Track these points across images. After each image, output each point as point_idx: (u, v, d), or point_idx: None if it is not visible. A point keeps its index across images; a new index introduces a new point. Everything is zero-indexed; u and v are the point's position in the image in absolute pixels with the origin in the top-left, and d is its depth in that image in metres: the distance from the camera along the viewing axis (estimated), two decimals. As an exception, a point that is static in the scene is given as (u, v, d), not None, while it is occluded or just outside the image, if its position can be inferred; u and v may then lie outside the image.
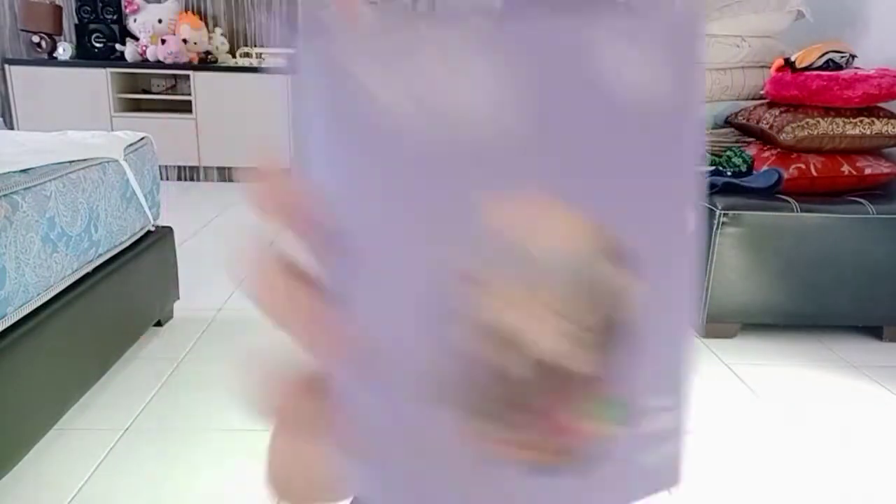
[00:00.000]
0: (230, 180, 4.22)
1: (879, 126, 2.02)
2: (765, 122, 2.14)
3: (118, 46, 4.04)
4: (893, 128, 2.03)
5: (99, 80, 3.95)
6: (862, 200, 2.01)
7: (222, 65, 4.10)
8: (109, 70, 3.96)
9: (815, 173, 2.06)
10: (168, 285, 2.02)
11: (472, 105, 0.16)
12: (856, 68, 2.12)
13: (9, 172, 1.29)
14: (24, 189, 1.29)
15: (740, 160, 2.18)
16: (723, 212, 1.95)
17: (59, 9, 4.06)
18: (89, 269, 1.56)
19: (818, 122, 2.01)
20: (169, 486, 1.31)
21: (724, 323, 2.08)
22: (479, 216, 0.17)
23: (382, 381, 0.18)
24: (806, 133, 2.01)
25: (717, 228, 1.96)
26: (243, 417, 1.55)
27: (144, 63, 4.02)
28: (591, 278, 0.18)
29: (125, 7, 4.06)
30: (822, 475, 1.43)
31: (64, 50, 4.00)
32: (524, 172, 0.17)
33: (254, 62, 4.09)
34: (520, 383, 0.18)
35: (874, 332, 2.14)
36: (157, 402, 1.60)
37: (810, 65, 2.11)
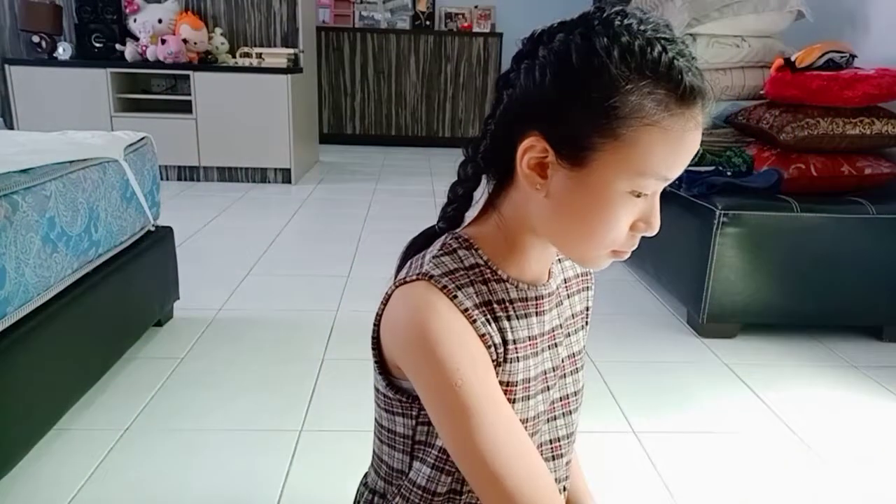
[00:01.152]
0: (230, 180, 4.22)
1: (879, 126, 2.02)
2: (765, 122, 2.14)
3: (118, 46, 4.04)
4: (893, 128, 2.03)
5: (99, 80, 3.95)
6: (862, 200, 2.01)
7: (222, 65, 4.10)
8: (109, 70, 3.96)
9: (815, 173, 2.06)
10: (168, 285, 2.02)
11: None
12: (856, 68, 2.12)
13: (9, 172, 1.29)
14: (24, 189, 1.29)
15: (740, 160, 2.18)
16: (723, 212, 1.95)
17: (59, 9, 4.06)
18: (89, 269, 1.56)
19: (818, 122, 2.01)
20: (169, 486, 1.31)
21: (724, 323, 2.09)
22: None
23: None
24: (806, 133, 2.01)
25: (717, 228, 1.96)
26: (243, 417, 1.55)
27: (144, 63, 4.02)
28: None
29: (125, 7, 4.06)
30: (823, 475, 1.43)
31: (64, 50, 4.00)
32: None
33: (254, 62, 4.09)
34: None
35: (874, 332, 2.14)
36: (157, 402, 1.60)
37: (810, 65, 2.11)
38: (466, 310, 0.60)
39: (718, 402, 1.72)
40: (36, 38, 4.00)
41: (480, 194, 0.68)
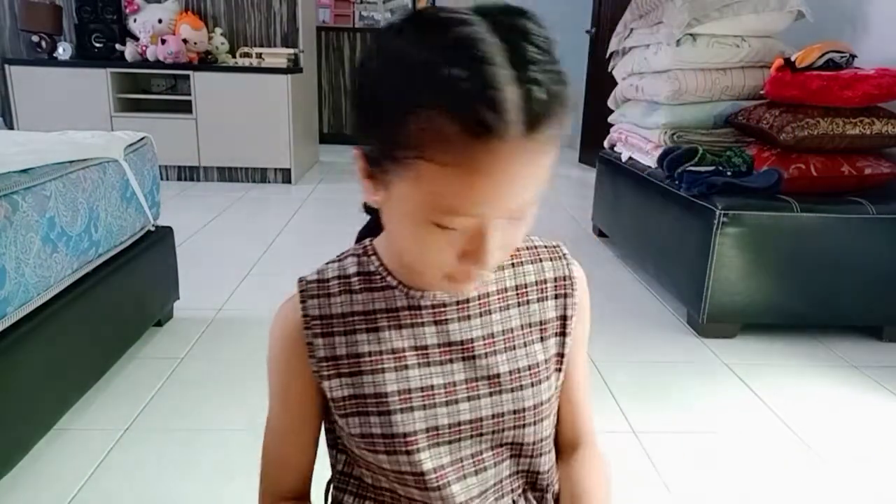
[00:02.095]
0: (230, 180, 4.22)
1: (879, 126, 2.02)
2: (765, 122, 2.14)
3: (118, 46, 4.04)
4: (893, 128, 2.03)
5: (99, 80, 3.95)
6: (862, 200, 2.01)
7: (222, 65, 4.10)
8: (109, 70, 3.96)
9: (815, 173, 2.06)
10: (168, 285, 2.02)
11: None
12: (856, 68, 2.12)
13: (9, 172, 1.29)
14: (24, 189, 1.29)
15: (740, 160, 2.18)
16: (723, 212, 1.95)
17: (59, 9, 4.06)
18: (89, 269, 1.56)
19: (818, 122, 2.01)
20: (169, 485, 1.31)
21: (724, 323, 2.09)
22: None
23: None
24: (806, 133, 2.01)
25: (717, 228, 1.96)
26: (243, 417, 1.55)
27: (144, 63, 4.02)
28: None
29: (125, 7, 4.07)
30: (823, 474, 1.43)
31: (64, 50, 4.00)
32: None
33: (254, 62, 4.09)
34: None
35: (874, 332, 2.14)
36: (157, 402, 1.60)
37: (810, 65, 2.11)
38: (306, 316, 0.61)
39: (718, 402, 1.72)
40: (36, 38, 4.00)
41: None
